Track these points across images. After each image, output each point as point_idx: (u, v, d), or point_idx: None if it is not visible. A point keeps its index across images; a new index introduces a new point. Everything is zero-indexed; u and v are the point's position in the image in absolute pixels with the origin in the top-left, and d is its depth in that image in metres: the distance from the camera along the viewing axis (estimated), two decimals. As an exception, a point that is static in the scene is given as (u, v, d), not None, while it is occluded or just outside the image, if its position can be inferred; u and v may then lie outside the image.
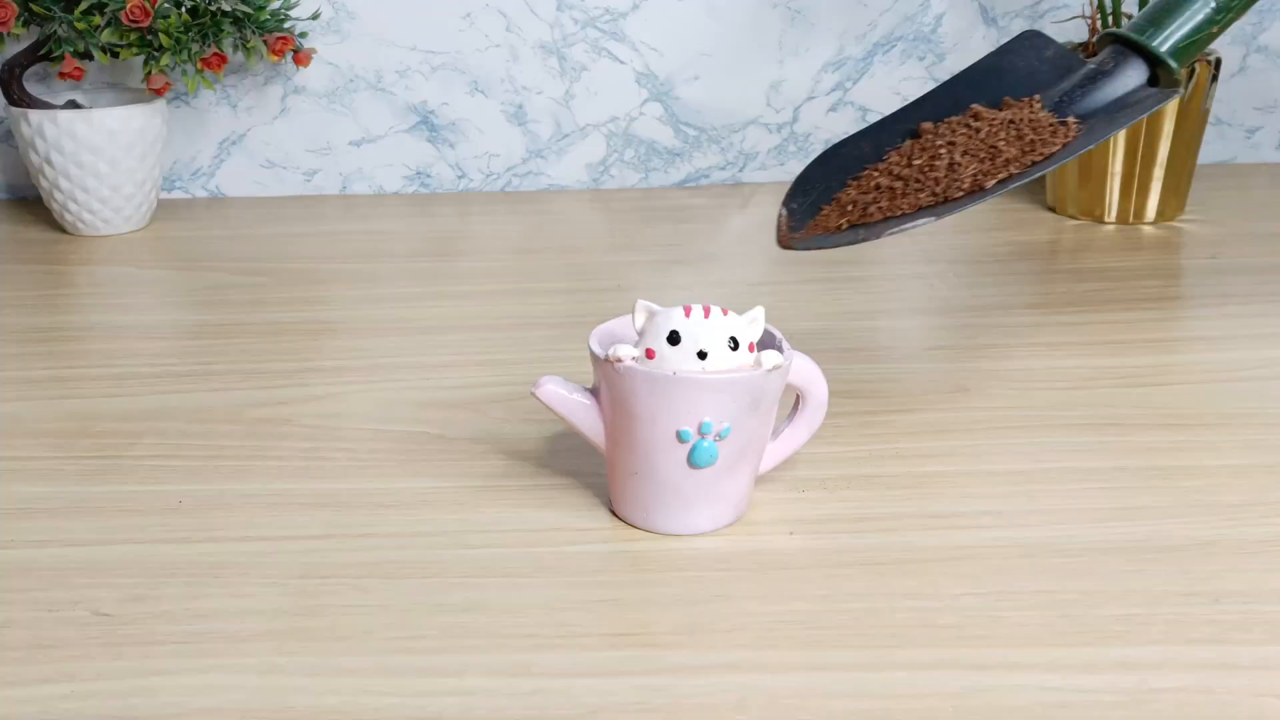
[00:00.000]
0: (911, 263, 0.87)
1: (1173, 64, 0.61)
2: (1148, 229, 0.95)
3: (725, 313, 0.50)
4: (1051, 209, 1.00)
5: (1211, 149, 1.11)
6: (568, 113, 1.07)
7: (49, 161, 0.93)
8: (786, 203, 0.58)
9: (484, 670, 0.44)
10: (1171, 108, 0.92)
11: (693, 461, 0.50)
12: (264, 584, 0.49)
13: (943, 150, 0.58)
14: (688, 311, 0.50)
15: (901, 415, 0.63)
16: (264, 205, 1.05)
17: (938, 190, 0.56)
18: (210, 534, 0.53)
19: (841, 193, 0.58)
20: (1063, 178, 0.98)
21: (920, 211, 0.56)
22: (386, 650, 0.45)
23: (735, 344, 0.50)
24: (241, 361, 0.71)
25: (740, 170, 1.09)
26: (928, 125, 0.60)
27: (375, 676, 0.43)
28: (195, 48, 0.93)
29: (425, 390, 0.67)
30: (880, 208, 0.56)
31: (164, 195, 1.07)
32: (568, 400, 0.52)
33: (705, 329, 0.49)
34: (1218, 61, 0.93)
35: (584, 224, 1.00)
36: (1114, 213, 0.96)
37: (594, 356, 0.51)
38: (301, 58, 0.98)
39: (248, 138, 1.06)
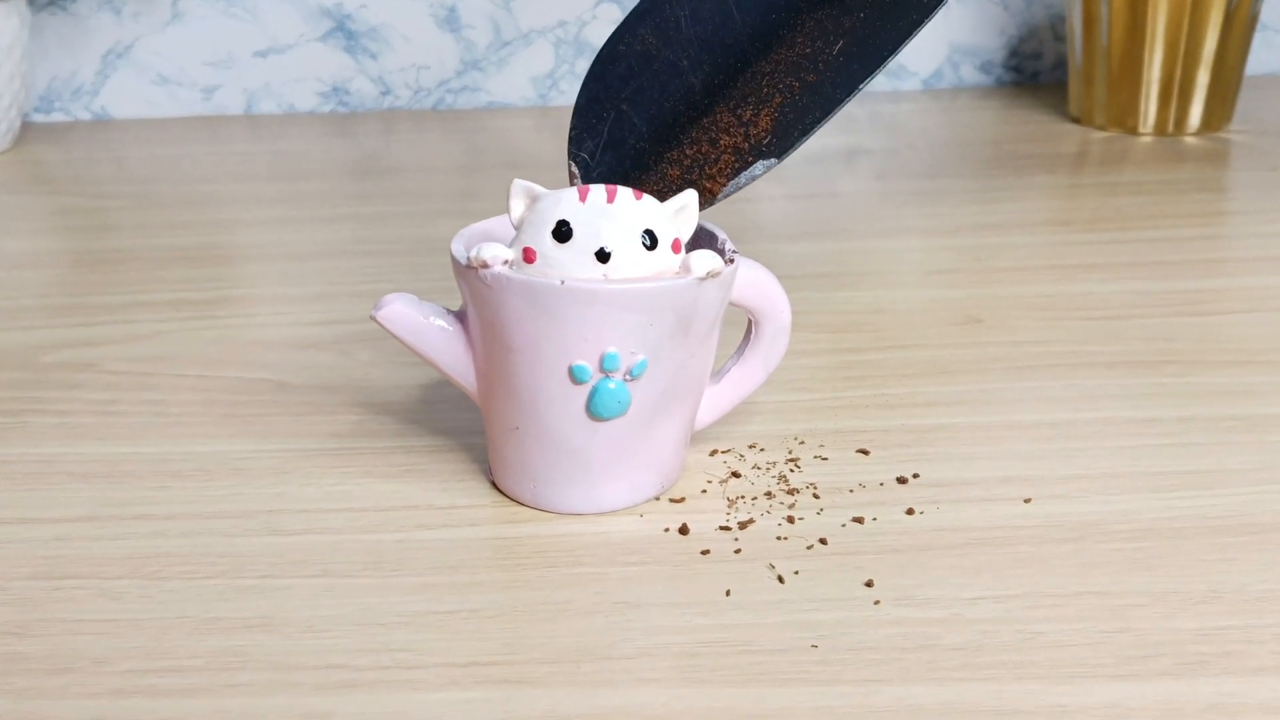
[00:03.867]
0: (900, 177, 0.72)
1: None
2: (1191, 140, 0.80)
3: (639, 196, 0.35)
4: (1076, 120, 0.84)
5: (1257, 59, 0.96)
6: (508, 16, 0.91)
7: (-121, 69, 0.78)
8: (573, 153, 0.42)
9: (253, 724, 0.29)
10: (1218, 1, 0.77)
11: (593, 410, 0.36)
12: (-25, 589, 0.34)
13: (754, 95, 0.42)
14: (583, 195, 0.35)
15: (894, 352, 0.49)
16: (155, 127, 0.89)
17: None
18: (-71, 517, 0.38)
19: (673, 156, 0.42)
20: (1089, 85, 0.82)
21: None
22: (118, 690, 0.30)
23: (652, 241, 0.35)
24: (55, 295, 0.56)
25: (711, 84, 0.94)
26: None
27: (91, 734, 0.29)
28: (49, -70, 0.77)
29: (278, 328, 0.52)
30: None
31: (41, 118, 0.92)
32: (419, 324, 0.37)
33: (608, 218, 0.34)
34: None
35: (528, 145, 0.84)
36: (1151, 123, 0.81)
37: (455, 263, 0.36)
38: (186, -53, 0.82)
39: (135, 49, 0.91)
